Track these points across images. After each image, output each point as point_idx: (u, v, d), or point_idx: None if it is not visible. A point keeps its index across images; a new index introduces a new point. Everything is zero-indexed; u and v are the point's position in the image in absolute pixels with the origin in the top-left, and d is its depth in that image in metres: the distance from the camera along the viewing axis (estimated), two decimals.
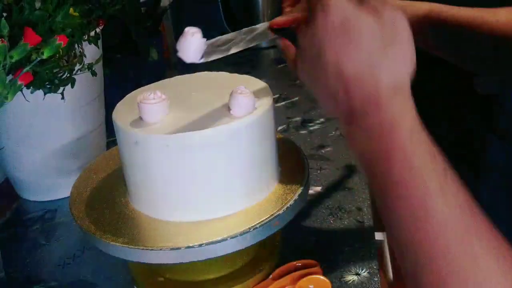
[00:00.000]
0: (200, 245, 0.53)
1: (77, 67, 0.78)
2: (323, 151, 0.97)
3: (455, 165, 0.39)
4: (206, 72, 0.69)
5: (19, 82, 0.64)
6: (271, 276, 0.64)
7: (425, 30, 0.63)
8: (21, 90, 0.68)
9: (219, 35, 0.50)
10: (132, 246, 0.55)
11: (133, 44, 1.13)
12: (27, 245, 0.79)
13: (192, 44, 0.52)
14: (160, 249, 0.54)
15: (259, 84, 0.64)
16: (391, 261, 0.91)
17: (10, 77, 0.64)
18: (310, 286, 0.62)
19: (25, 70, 0.65)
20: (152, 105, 0.56)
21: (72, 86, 0.77)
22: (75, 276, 0.72)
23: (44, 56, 0.66)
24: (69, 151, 0.86)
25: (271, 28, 0.56)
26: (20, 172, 0.88)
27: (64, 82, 0.75)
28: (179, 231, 0.56)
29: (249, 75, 0.67)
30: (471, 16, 0.61)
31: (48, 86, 0.74)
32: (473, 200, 0.38)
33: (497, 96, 0.78)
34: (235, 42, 0.54)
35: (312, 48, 0.42)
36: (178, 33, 0.49)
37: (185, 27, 0.52)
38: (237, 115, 0.56)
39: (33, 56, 0.66)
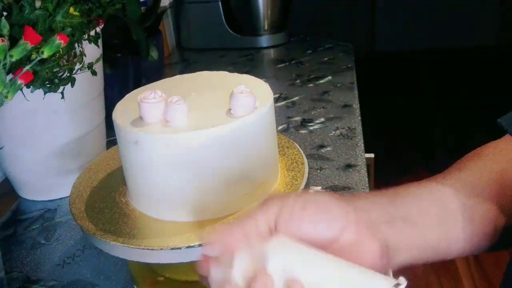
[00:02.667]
0: (200, 245, 0.53)
1: (77, 66, 0.78)
2: (323, 151, 0.97)
3: None
4: (206, 72, 0.69)
5: (19, 81, 0.64)
6: None
7: None
8: (21, 90, 0.67)
9: (219, 35, 0.46)
10: (132, 246, 0.55)
11: (133, 44, 1.13)
12: (27, 244, 0.79)
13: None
14: (160, 249, 0.54)
15: (259, 83, 0.64)
16: None
17: (10, 76, 0.64)
18: None
19: (25, 69, 0.65)
20: (153, 105, 0.56)
21: (72, 86, 0.77)
22: (75, 276, 0.71)
23: (44, 56, 0.66)
24: (69, 150, 0.86)
25: None
26: (20, 171, 0.88)
27: (64, 82, 0.75)
28: (179, 231, 0.56)
29: (249, 74, 0.67)
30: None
31: (48, 85, 0.74)
32: None
33: None
34: None
35: None
36: (178, 33, 0.48)
37: (185, 27, 0.51)
38: (237, 115, 0.56)
39: (33, 55, 0.66)
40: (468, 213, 0.48)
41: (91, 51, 0.81)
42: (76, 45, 0.77)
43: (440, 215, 0.47)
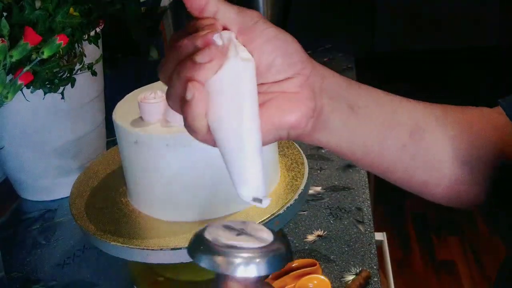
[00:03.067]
0: None
1: (77, 66, 0.78)
2: (323, 151, 0.97)
3: None
4: None
5: (19, 82, 0.64)
6: (270, 276, 0.64)
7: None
8: (21, 90, 0.67)
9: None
10: (132, 246, 0.55)
11: (133, 44, 1.13)
12: (27, 245, 0.79)
13: None
14: (160, 249, 0.54)
15: None
16: (391, 261, 0.91)
17: (10, 76, 0.64)
18: (310, 286, 0.62)
19: (25, 69, 0.65)
20: (152, 105, 0.56)
21: (72, 86, 0.77)
22: (75, 276, 0.71)
23: (44, 56, 0.66)
24: (69, 150, 0.86)
25: None
26: (20, 172, 0.88)
27: (64, 82, 0.75)
28: (179, 231, 0.56)
29: None
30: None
31: (48, 85, 0.74)
32: None
33: None
34: None
35: None
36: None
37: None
38: None
39: (33, 56, 0.66)
40: (418, 135, 0.47)
41: (91, 51, 0.81)
42: (76, 45, 0.77)
43: (385, 121, 0.46)
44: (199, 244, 0.34)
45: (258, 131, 0.36)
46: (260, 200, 0.36)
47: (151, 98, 0.56)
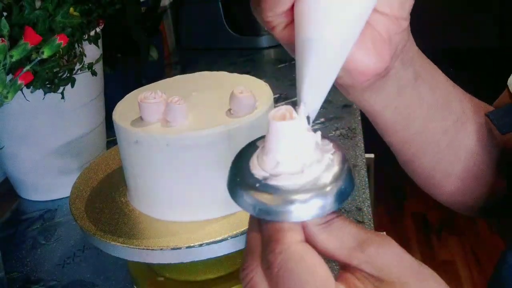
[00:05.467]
0: (200, 245, 0.53)
1: (77, 66, 0.78)
2: None
3: None
4: (206, 72, 0.69)
5: (19, 82, 0.64)
6: None
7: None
8: (21, 90, 0.68)
9: (219, 35, 0.39)
10: (132, 246, 0.55)
11: (133, 44, 1.13)
12: (27, 245, 0.79)
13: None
14: (160, 249, 0.54)
15: (259, 84, 0.64)
16: None
17: (10, 76, 0.64)
18: None
19: (25, 69, 0.65)
20: (152, 105, 0.56)
21: (72, 86, 0.77)
22: (75, 276, 0.71)
23: (44, 56, 0.66)
24: (69, 150, 0.86)
25: None
26: (20, 172, 0.88)
27: (64, 82, 0.75)
28: (179, 231, 0.56)
29: (249, 75, 0.67)
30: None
31: (48, 85, 0.74)
32: None
33: None
34: None
35: None
36: (178, 33, 0.47)
37: (185, 27, 0.50)
38: (237, 115, 0.56)
39: (33, 56, 0.66)
40: (460, 123, 0.47)
41: (91, 51, 0.81)
42: (76, 45, 0.77)
43: (438, 100, 0.44)
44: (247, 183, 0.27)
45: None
46: (308, 122, 0.31)
47: (151, 98, 0.56)
